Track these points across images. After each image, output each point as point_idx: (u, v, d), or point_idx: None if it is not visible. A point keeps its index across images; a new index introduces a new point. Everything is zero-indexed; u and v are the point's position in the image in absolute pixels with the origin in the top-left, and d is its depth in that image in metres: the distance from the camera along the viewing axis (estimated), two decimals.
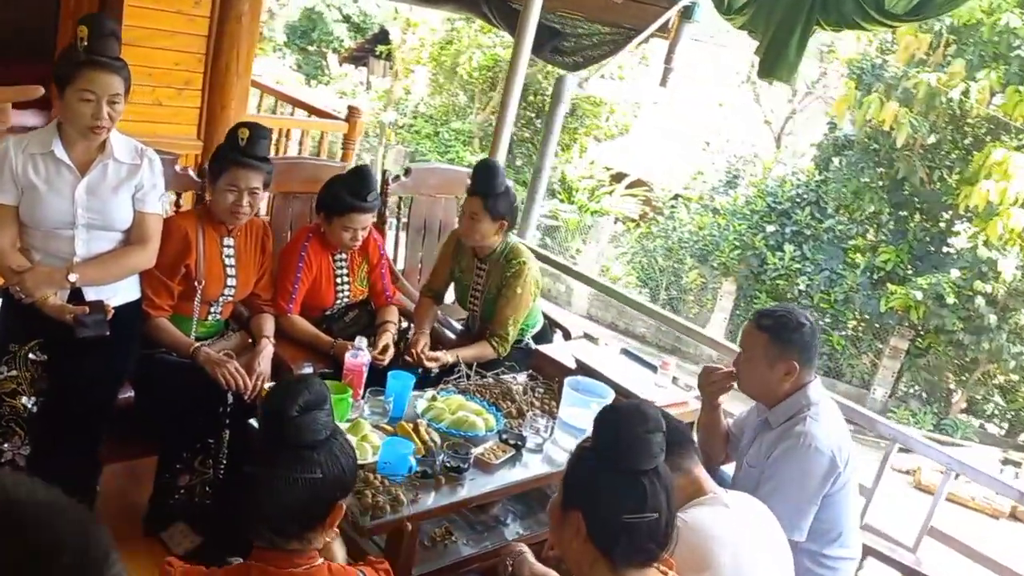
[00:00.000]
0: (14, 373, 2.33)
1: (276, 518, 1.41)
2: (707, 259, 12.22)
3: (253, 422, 2.32)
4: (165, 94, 4.67)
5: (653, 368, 3.00)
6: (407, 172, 3.75)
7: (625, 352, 3.16)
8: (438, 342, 3.25)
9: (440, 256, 3.38)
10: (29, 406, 2.33)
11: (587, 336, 3.66)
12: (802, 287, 10.96)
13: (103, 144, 2.42)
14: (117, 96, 2.36)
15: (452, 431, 2.44)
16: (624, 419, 1.50)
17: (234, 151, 2.69)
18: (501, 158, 4.05)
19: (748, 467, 2.39)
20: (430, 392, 2.63)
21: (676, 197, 14.05)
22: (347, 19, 21.22)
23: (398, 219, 3.81)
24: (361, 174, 2.98)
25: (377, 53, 19.40)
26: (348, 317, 3.16)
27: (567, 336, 3.63)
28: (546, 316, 3.63)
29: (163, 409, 2.56)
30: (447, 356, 2.98)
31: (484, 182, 3.04)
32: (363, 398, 2.49)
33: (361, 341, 2.57)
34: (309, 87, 18.89)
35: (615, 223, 14.24)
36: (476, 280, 3.23)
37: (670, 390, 2.90)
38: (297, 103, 6.01)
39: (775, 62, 3.01)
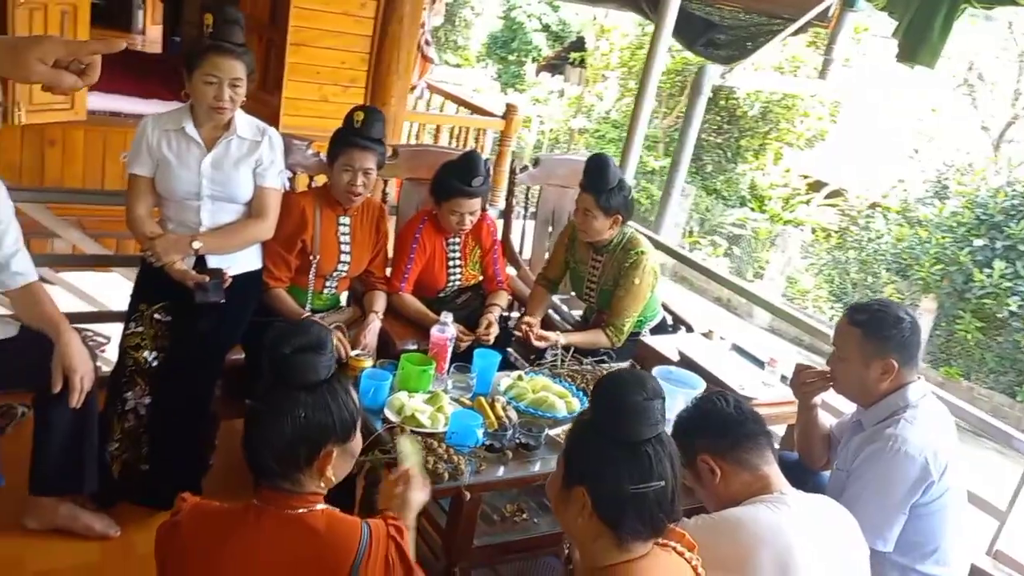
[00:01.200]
0: (140, 329, 2.59)
1: (261, 453, 1.47)
2: (905, 274, 11.31)
3: None
4: (331, 91, 5.00)
5: (761, 364, 2.85)
6: (536, 163, 3.78)
7: (736, 348, 3.01)
8: (551, 328, 3.25)
9: (556, 245, 3.38)
10: (150, 360, 2.58)
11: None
12: (1014, 308, 9.88)
13: (229, 122, 2.63)
14: (238, 80, 2.56)
15: (530, 410, 2.44)
16: (620, 387, 1.45)
17: (350, 133, 2.84)
18: (635, 152, 3.99)
19: (837, 471, 2.21)
20: (517, 372, 2.64)
21: (874, 207, 13.14)
22: (546, 28, 21.65)
23: (525, 208, 3.85)
24: (469, 159, 3.04)
25: (571, 60, 19.64)
26: (460, 300, 3.24)
27: (689, 331, 3.52)
28: (668, 310, 3.54)
29: None
30: (557, 337, 2.98)
31: (595, 178, 3.01)
32: (448, 373, 2.54)
33: (447, 316, 2.63)
34: (504, 95, 19.47)
35: (804, 232, 13.52)
36: (592, 270, 3.20)
37: (777, 388, 2.74)
38: (457, 100, 6.21)
39: (917, 45, 2.75)
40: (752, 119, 13.83)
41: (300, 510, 1.48)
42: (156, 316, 2.60)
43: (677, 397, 2.45)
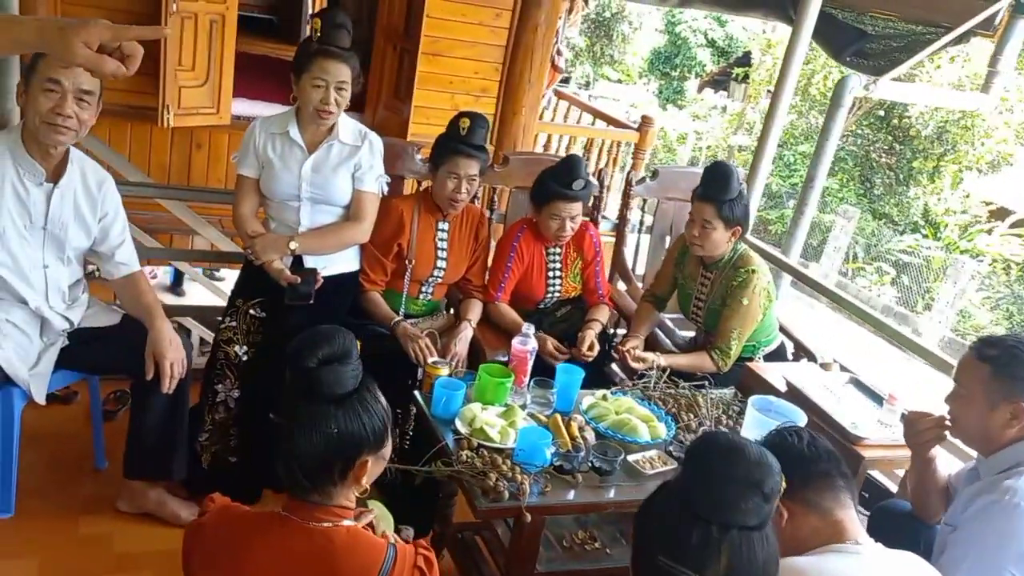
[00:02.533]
0: (234, 324, 2.66)
1: (292, 469, 1.41)
2: None
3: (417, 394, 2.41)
4: (463, 101, 5.03)
5: (880, 401, 2.57)
6: (654, 175, 3.63)
7: (854, 381, 2.74)
8: (654, 348, 3.09)
9: (664, 261, 3.22)
10: (240, 354, 2.65)
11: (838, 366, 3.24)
12: None
13: (332, 127, 2.67)
14: (344, 83, 2.58)
15: (610, 432, 2.31)
16: (715, 455, 1.27)
17: (454, 140, 2.81)
18: (766, 164, 3.75)
19: (944, 525, 1.94)
20: (602, 392, 2.51)
21: None
22: (712, 43, 21.19)
23: (641, 222, 3.70)
24: (569, 163, 2.94)
25: (735, 76, 19.10)
26: (560, 312, 3.14)
27: (812, 360, 3.25)
28: (789, 336, 3.29)
29: None
30: (657, 359, 2.83)
31: (717, 186, 2.83)
32: (528, 386, 2.45)
33: (529, 328, 2.53)
34: (664, 111, 19.17)
35: (980, 262, 12.43)
36: (700, 288, 3.02)
37: (895, 428, 2.46)
38: (593, 111, 6.11)
39: None
40: (926, 139, 12.90)
41: (325, 524, 1.41)
42: (251, 312, 2.66)
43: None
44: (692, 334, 3.34)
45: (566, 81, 19.46)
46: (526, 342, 2.47)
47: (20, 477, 2.45)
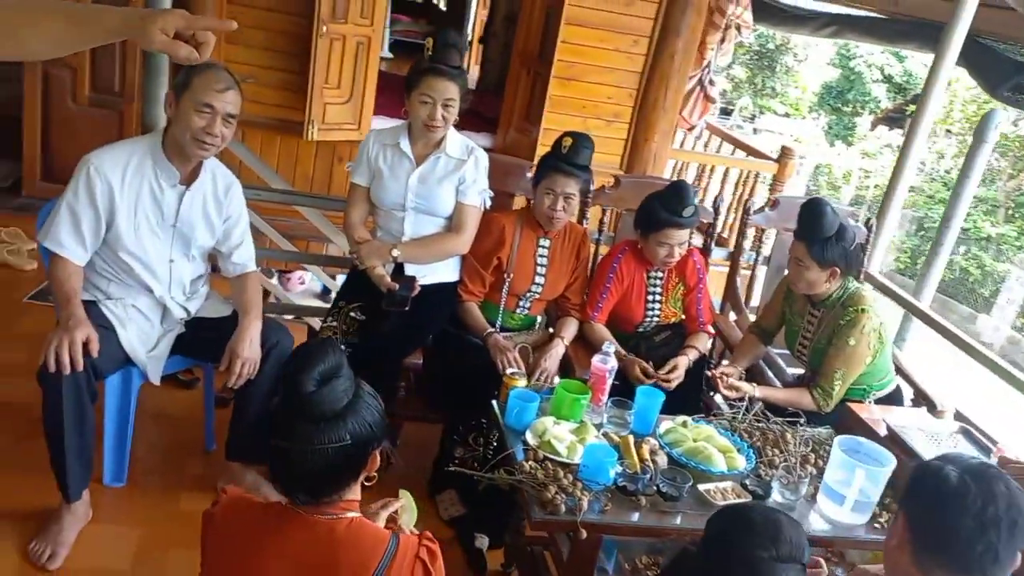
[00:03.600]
0: (334, 324, 2.79)
1: (310, 483, 1.42)
2: None
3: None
4: (595, 125, 5.06)
5: (987, 452, 2.37)
6: (774, 204, 3.51)
7: (964, 431, 2.53)
8: (755, 381, 2.98)
9: (774, 293, 3.11)
10: None
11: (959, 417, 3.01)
12: None
13: (440, 141, 2.78)
14: (451, 100, 2.69)
15: (684, 458, 2.25)
16: (740, 530, 1.20)
17: (556, 158, 2.85)
18: (897, 201, 3.54)
19: None
20: (682, 418, 2.46)
21: None
22: (888, 79, 20.20)
23: (757, 253, 3.58)
24: (678, 189, 2.90)
25: (910, 113, 18.11)
26: (660, 337, 3.09)
27: (932, 409, 3.03)
28: (909, 381, 3.09)
29: (449, 382, 2.82)
30: (751, 389, 2.74)
31: (808, 225, 2.72)
32: (605, 405, 2.43)
33: (609, 347, 2.51)
34: (831, 148, 18.43)
35: None
36: (807, 326, 2.90)
37: None
38: (732, 140, 5.98)
39: None
40: None
41: (330, 515, 1.44)
42: (352, 314, 2.79)
43: (856, 472, 2.13)
44: (801, 371, 3.20)
45: (727, 113, 19.12)
46: (606, 360, 2.46)
47: (135, 451, 2.68)
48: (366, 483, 1.51)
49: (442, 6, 12.08)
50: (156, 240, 2.51)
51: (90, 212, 2.37)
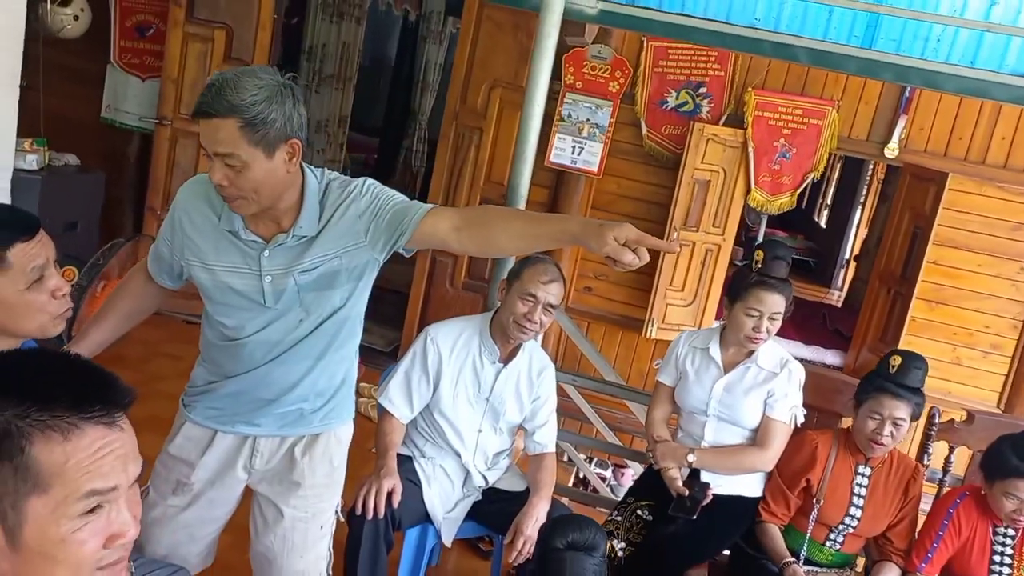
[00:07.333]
0: (619, 519, 2.72)
1: None
2: None
3: None
4: (967, 355, 4.55)
5: None
6: None
7: None
8: None
9: None
10: (618, 549, 2.67)
11: None
12: None
13: (752, 351, 2.70)
14: (777, 313, 2.63)
15: None
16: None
17: (882, 377, 2.61)
18: None
19: None
20: None
21: None
22: None
23: None
24: None
25: None
26: None
27: None
28: None
29: None
30: None
31: None
32: None
33: None
34: None
35: None
36: None
37: None
38: None
39: None
40: None
41: None
42: (639, 512, 2.72)
43: None
44: None
45: None
46: None
47: None
48: None
49: (822, 223, 11.97)
50: (470, 409, 2.71)
51: (422, 376, 2.65)
